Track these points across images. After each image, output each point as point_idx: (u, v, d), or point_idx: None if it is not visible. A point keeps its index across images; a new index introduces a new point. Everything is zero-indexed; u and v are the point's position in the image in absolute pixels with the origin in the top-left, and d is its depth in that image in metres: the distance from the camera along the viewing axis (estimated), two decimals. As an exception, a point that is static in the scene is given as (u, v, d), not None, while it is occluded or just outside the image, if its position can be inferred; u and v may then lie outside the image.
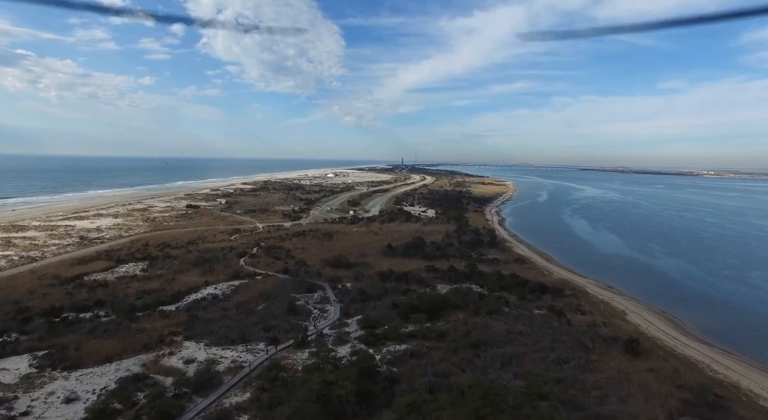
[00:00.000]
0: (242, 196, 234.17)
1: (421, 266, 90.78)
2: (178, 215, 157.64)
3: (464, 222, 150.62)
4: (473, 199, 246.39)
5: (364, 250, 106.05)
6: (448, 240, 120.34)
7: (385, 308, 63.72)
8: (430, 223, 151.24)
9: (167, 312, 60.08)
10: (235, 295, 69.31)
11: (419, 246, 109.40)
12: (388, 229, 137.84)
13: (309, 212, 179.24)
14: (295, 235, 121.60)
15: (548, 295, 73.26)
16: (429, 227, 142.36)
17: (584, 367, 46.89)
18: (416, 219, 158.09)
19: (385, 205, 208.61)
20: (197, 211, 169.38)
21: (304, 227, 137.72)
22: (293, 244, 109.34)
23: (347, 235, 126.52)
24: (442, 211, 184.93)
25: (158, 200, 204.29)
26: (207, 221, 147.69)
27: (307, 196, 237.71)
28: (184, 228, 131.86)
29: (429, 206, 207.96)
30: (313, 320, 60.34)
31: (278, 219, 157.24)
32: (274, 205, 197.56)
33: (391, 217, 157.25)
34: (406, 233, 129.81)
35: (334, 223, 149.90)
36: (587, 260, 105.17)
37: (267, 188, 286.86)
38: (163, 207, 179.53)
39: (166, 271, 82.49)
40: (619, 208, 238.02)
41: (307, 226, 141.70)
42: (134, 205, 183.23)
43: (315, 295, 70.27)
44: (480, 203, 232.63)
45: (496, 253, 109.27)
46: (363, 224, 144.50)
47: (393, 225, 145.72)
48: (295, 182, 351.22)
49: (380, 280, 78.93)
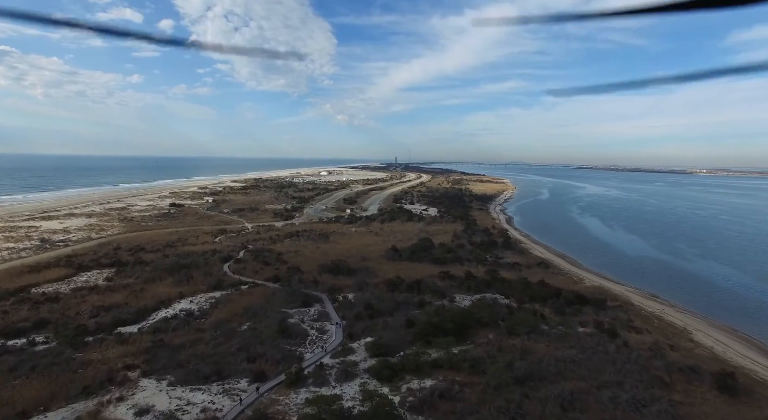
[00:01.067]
0: (231, 195, 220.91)
1: (433, 272, 79.00)
2: (159, 215, 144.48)
3: (471, 221, 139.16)
4: (475, 198, 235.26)
5: (365, 253, 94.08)
6: (457, 241, 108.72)
7: (399, 327, 51.82)
8: (434, 222, 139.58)
9: (126, 335, 47.68)
10: (214, 311, 57.00)
11: (427, 248, 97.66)
12: (389, 229, 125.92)
13: (302, 211, 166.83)
14: (288, 237, 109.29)
15: (588, 307, 61.82)
16: (434, 227, 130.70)
17: (672, 415, 35.43)
18: (419, 218, 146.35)
19: (383, 204, 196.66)
20: (181, 211, 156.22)
21: (297, 227, 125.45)
22: (285, 247, 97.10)
23: (345, 236, 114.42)
24: (444, 210, 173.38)
25: (140, 199, 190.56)
26: (191, 221, 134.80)
27: (300, 194, 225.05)
28: (163, 229, 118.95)
29: (430, 204, 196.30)
30: (309, 344, 48.22)
31: (269, 218, 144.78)
32: (265, 204, 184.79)
33: (392, 216, 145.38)
34: (410, 233, 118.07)
35: (330, 222, 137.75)
36: (617, 264, 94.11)
37: (258, 186, 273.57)
38: (145, 206, 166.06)
39: (135, 280, 69.91)
40: (627, 206, 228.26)
41: (300, 226, 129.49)
42: (113, 204, 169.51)
43: (311, 310, 58.18)
44: (483, 201, 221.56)
45: (513, 255, 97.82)
46: (362, 224, 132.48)
47: (394, 224, 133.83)
48: (288, 180, 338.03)
49: (388, 290, 66.97)
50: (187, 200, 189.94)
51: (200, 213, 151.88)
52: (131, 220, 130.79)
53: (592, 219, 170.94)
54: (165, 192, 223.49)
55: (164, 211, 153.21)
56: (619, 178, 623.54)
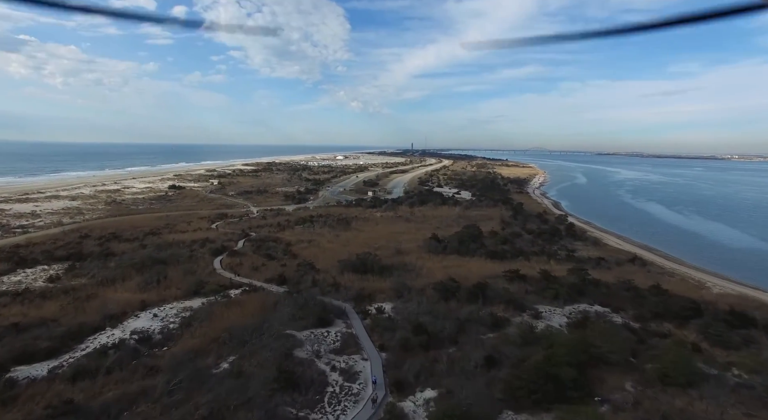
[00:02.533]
0: (240, 177, 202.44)
1: (494, 270, 58.12)
2: (154, 197, 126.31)
3: (517, 205, 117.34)
4: (509, 181, 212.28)
5: (398, 243, 73.67)
6: (509, 229, 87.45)
7: (474, 370, 31.41)
8: (472, 206, 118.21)
9: (20, 387, 28.32)
10: (183, 334, 37.30)
11: (476, 237, 76.67)
12: (421, 214, 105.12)
13: (317, 193, 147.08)
14: (299, 222, 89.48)
15: (756, 330, 40.36)
16: (474, 212, 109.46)
17: None
18: (454, 201, 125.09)
19: (408, 186, 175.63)
20: (180, 193, 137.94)
21: (311, 212, 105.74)
22: (296, 236, 77.31)
23: (370, 221, 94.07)
24: (479, 193, 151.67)
25: (140, 181, 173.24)
26: (188, 204, 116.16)
27: (314, 177, 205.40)
28: (153, 213, 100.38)
29: (460, 188, 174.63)
30: (330, 404, 28.32)
31: (279, 202, 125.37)
32: (276, 187, 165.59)
33: (422, 199, 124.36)
34: (447, 219, 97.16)
35: (350, 206, 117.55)
36: (729, 260, 71.79)
37: (270, 169, 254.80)
38: (141, 188, 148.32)
39: (88, 280, 50.80)
40: (682, 191, 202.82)
41: (315, 210, 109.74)
42: (108, 186, 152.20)
43: (332, 333, 38.01)
44: (518, 185, 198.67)
45: (586, 247, 76.25)
46: (388, 208, 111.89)
47: (426, 209, 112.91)
48: (302, 164, 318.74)
49: (441, 298, 46.47)
50: (190, 183, 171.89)
51: (201, 196, 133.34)
52: (119, 204, 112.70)
53: (653, 204, 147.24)
54: (169, 174, 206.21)
55: (161, 193, 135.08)
56: (649, 164, 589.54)
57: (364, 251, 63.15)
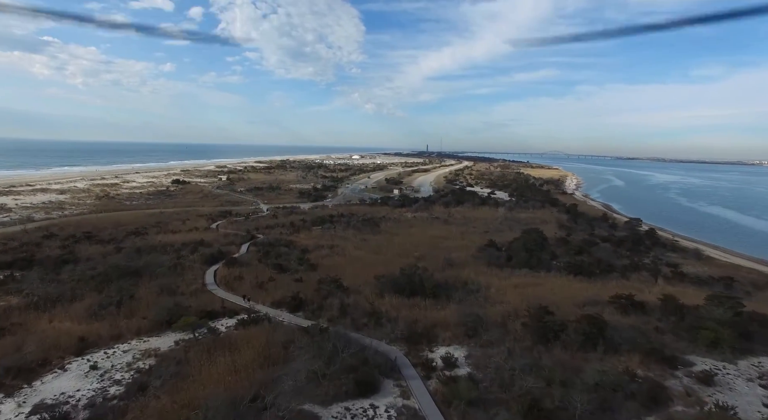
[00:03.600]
0: (251, 174, 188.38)
1: (590, 292, 41.51)
2: (153, 192, 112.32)
3: (571, 207, 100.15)
4: (543, 182, 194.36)
5: (443, 251, 57.44)
6: (575, 235, 70.59)
7: None
8: (517, 207, 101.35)
9: None
10: (128, 412, 22.09)
11: (541, 245, 59.97)
12: (460, 215, 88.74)
13: (336, 191, 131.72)
14: (318, 223, 73.94)
15: None
16: (521, 214, 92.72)
17: None
18: (494, 202, 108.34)
19: (436, 184, 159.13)
20: (183, 188, 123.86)
21: (330, 210, 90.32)
22: (313, 240, 61.57)
23: (402, 223, 78.01)
24: (517, 193, 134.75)
25: (143, 176, 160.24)
26: (189, 201, 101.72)
27: (331, 174, 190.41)
28: (147, 209, 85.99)
29: (492, 187, 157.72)
30: None
31: (293, 199, 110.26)
32: (289, 183, 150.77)
33: (458, 199, 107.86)
34: (493, 222, 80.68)
35: (374, 205, 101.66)
36: None
37: (283, 166, 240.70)
38: (142, 183, 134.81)
39: (22, 298, 35.81)
40: (740, 195, 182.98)
41: (335, 208, 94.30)
42: (108, 180, 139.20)
43: (379, 410, 22.04)
44: (554, 186, 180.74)
45: (686, 261, 59.01)
46: (420, 207, 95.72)
47: (465, 210, 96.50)
48: (317, 161, 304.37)
49: (537, 339, 30.18)
50: (197, 178, 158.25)
51: (206, 191, 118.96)
52: (111, 198, 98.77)
53: (721, 209, 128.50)
54: (176, 170, 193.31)
55: (161, 188, 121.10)
56: (678, 168, 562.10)
57: (407, 262, 47.02)
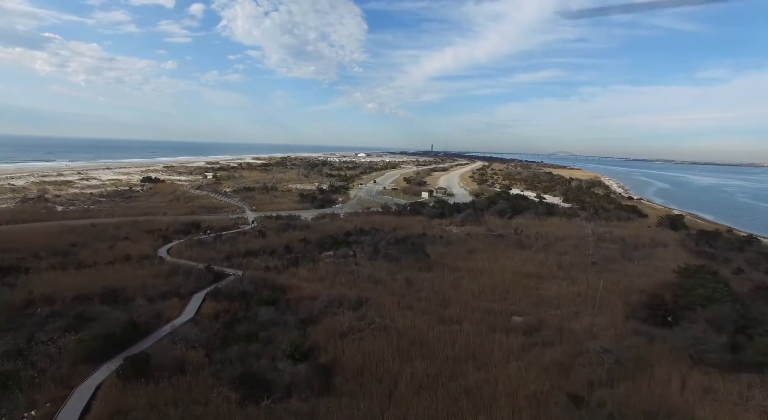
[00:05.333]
0: (244, 171, 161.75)
1: None
2: (109, 194, 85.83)
3: (677, 219, 72.97)
4: (591, 183, 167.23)
5: (550, 306, 30.51)
6: (753, 274, 43.51)
7: None
8: (594, 219, 74.13)
9: None
10: None
11: (724, 291, 33.29)
12: (529, 230, 61.51)
13: (347, 193, 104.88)
14: (326, 245, 47.09)
15: None
16: (615, 229, 65.62)
17: None
18: (563, 211, 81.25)
19: (466, 185, 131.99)
20: (152, 189, 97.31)
21: (344, 221, 63.59)
22: (322, 283, 34.03)
23: (456, 246, 50.68)
24: (573, 198, 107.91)
25: (113, 172, 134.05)
26: (151, 205, 75.09)
27: (338, 173, 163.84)
28: (80, 219, 59.35)
29: (533, 189, 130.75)
30: None
31: (291, 203, 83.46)
32: (288, 183, 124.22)
33: (514, 206, 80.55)
34: (585, 244, 53.68)
35: (404, 214, 74.35)
36: None
37: (283, 164, 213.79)
38: (105, 180, 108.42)
39: None
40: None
41: (349, 218, 67.53)
42: (66, 176, 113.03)
43: None
44: (603, 189, 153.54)
45: None
46: (467, 219, 68.49)
47: (526, 221, 69.43)
48: (321, 159, 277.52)
49: None
50: (178, 175, 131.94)
51: (179, 192, 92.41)
52: (46, 201, 72.31)
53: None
54: (159, 166, 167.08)
55: (124, 188, 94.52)
56: (701, 170, 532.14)
57: (514, 344, 20.31)
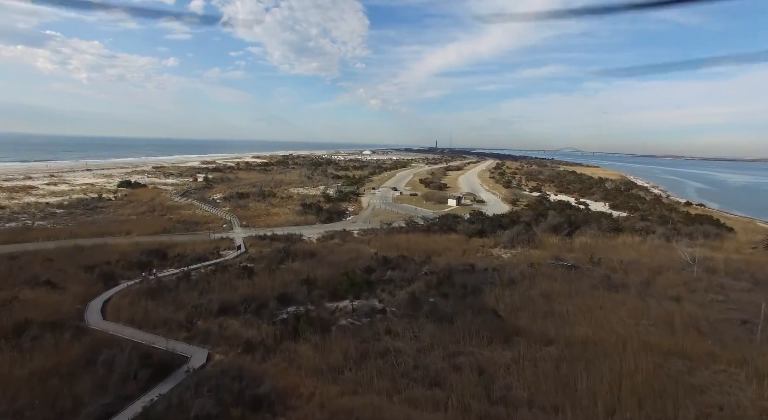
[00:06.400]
0: (241, 172, 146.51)
1: None
2: (70, 203, 70.80)
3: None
4: (632, 185, 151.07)
5: None
6: None
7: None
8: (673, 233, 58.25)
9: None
10: None
11: None
12: (610, 257, 45.85)
13: (359, 200, 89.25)
14: (340, 291, 31.95)
15: None
16: (713, 252, 49.84)
17: None
18: (638, 228, 65.09)
19: (493, 189, 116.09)
20: (127, 195, 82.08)
21: (359, 243, 48.23)
22: (335, 383, 15.92)
23: (522, 285, 35.38)
24: (621, 203, 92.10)
25: (93, 174, 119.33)
26: (114, 220, 59.82)
27: (344, 173, 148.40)
28: (8, 243, 44.25)
29: (566, 192, 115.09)
30: None
31: (291, 215, 67.82)
32: (290, 186, 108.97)
33: (570, 220, 64.57)
34: (702, 287, 38.35)
35: (433, 231, 58.36)
36: None
37: (285, 163, 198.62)
38: (74, 186, 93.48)
39: None
40: None
41: (365, 237, 52.11)
42: (35, 180, 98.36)
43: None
44: (644, 191, 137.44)
45: None
46: (517, 238, 52.55)
47: (593, 240, 53.83)
48: (325, 157, 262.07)
49: None
50: (164, 178, 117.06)
51: (157, 201, 77.11)
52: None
53: None
54: (147, 166, 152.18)
55: (93, 196, 79.40)
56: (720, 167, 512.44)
57: None
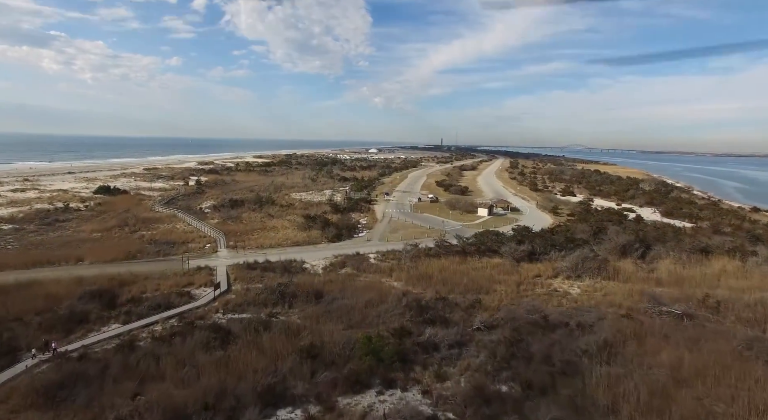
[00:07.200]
0: (241, 174, 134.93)
1: None
2: (28, 215, 59.40)
3: None
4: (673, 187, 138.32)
5: None
6: None
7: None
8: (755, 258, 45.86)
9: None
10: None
11: None
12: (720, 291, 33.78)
13: (372, 209, 77.16)
14: (359, 370, 20.47)
15: None
16: None
17: None
18: (728, 247, 52.65)
19: (521, 193, 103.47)
20: (100, 205, 70.38)
21: (379, 270, 36.52)
22: None
23: (622, 354, 23.42)
24: (673, 209, 79.74)
25: (75, 177, 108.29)
26: (78, 237, 48.24)
27: (352, 174, 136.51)
28: None
29: (602, 195, 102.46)
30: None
31: (291, 231, 55.88)
32: (291, 191, 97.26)
33: (641, 238, 52.07)
34: None
35: (468, 253, 46.22)
36: None
37: (288, 163, 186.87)
38: (45, 192, 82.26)
39: None
40: None
41: (384, 263, 40.35)
42: (4, 185, 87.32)
43: None
44: (687, 193, 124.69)
45: None
46: (581, 265, 40.36)
47: (701, 273, 41.76)
48: (330, 156, 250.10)
49: None
50: (152, 181, 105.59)
51: (133, 213, 65.44)
52: None
53: None
54: (138, 168, 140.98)
55: (58, 206, 67.92)
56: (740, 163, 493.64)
57: None
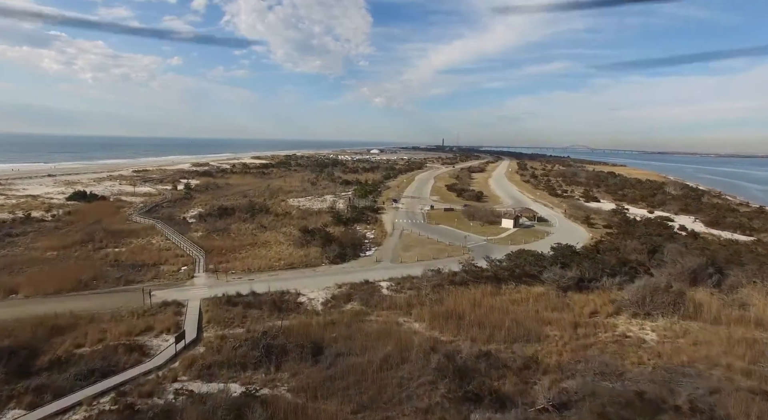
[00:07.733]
0: (235, 176, 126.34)
1: None
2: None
3: None
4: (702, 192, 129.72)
5: None
6: None
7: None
8: None
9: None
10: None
11: None
12: None
13: (379, 220, 68.40)
14: None
15: None
16: None
17: None
18: None
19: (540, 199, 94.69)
20: (69, 214, 61.83)
21: (394, 307, 28.04)
22: None
23: None
24: (717, 218, 71.16)
25: (55, 180, 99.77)
26: (26, 258, 39.63)
27: (354, 177, 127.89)
28: None
29: (629, 201, 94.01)
30: None
31: (286, 249, 47.27)
32: (289, 195, 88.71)
33: (713, 261, 43.48)
34: None
35: (501, 279, 37.69)
36: None
37: (287, 164, 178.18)
38: (12, 198, 73.71)
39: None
40: None
41: (399, 290, 31.76)
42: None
43: None
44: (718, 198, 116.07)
45: None
46: (659, 301, 32.16)
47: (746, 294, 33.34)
48: (331, 157, 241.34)
49: None
50: (137, 186, 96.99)
51: (108, 222, 56.77)
52: None
53: None
54: (126, 170, 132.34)
55: (22, 215, 59.33)
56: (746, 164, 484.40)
57: None
